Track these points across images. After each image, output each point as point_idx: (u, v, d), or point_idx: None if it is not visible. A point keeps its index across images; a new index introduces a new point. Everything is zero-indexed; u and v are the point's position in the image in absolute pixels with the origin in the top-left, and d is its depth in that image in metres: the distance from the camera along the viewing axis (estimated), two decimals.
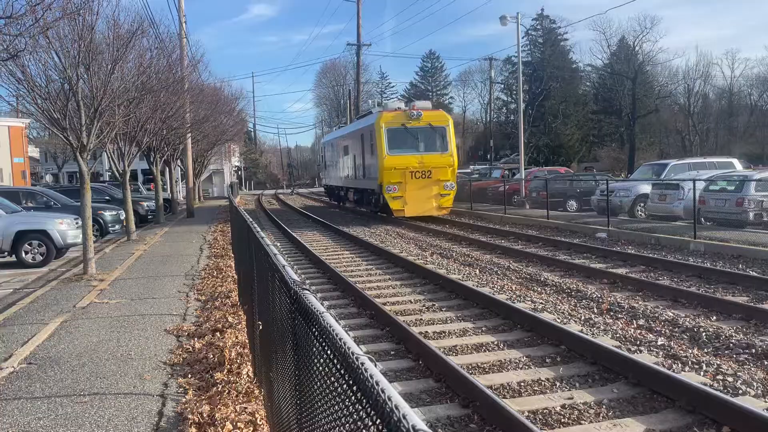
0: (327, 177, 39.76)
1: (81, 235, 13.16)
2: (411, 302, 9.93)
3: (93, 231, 14.44)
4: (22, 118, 46.82)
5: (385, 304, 9.52)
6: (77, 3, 10.51)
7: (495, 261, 13.70)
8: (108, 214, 19.14)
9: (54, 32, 10.52)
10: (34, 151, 67.23)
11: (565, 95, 68.89)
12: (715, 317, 8.37)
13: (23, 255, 14.30)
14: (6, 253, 14.34)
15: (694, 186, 15.40)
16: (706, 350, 7.02)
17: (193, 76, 25.81)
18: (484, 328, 8.19)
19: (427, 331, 8.04)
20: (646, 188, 20.40)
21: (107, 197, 23.70)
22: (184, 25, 26.34)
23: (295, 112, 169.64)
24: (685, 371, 6.29)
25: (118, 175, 19.15)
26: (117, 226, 19.59)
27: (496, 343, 7.53)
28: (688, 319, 8.15)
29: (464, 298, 9.88)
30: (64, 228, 14.53)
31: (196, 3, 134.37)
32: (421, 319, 8.77)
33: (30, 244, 14.36)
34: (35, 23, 8.41)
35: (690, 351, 6.92)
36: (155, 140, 21.75)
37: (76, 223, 14.46)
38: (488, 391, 5.52)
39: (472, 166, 54.92)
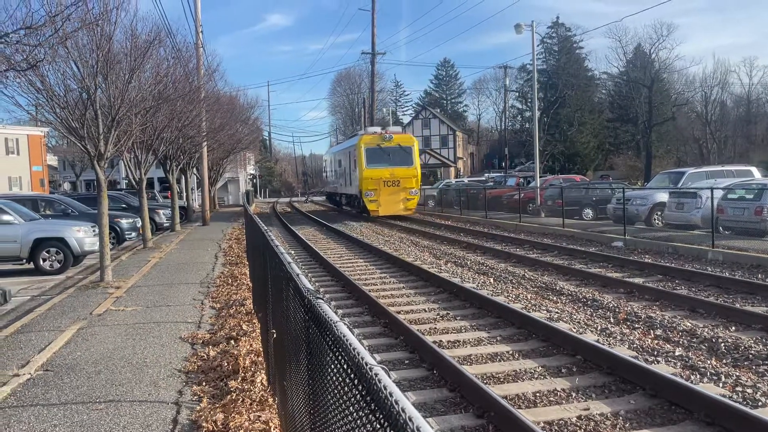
0: (327, 185, 46.06)
1: (98, 243, 13.30)
2: (425, 311, 9.90)
3: (110, 238, 14.58)
4: (41, 127, 47.53)
5: (399, 312, 9.50)
6: (96, 13, 10.67)
7: (510, 270, 13.63)
8: (125, 222, 19.33)
9: (73, 42, 10.67)
10: (52, 160, 68.20)
11: (581, 103, 68.68)
12: (734, 328, 8.24)
13: (41, 262, 14.46)
14: (24, 260, 14.51)
15: (712, 194, 15.23)
16: (725, 361, 6.92)
17: (209, 85, 26.08)
18: (498, 338, 8.14)
19: (441, 340, 8.00)
20: (663, 197, 20.19)
21: (124, 205, 23.94)
22: (200, 34, 26.62)
23: (310, 121, 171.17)
24: (703, 382, 6.20)
25: (134, 183, 19.33)
26: (133, 234, 19.77)
27: (511, 352, 7.47)
28: (706, 330, 8.04)
29: (479, 307, 9.83)
30: (82, 235, 14.69)
31: (212, 13, 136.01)
32: (435, 328, 8.73)
33: (48, 252, 14.52)
34: (54, 33, 8.54)
35: (708, 362, 6.82)
36: (171, 149, 21.95)
37: (93, 230, 14.60)
38: (503, 402, 5.47)
39: (486, 174, 54.86)
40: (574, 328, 8.36)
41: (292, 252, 17.38)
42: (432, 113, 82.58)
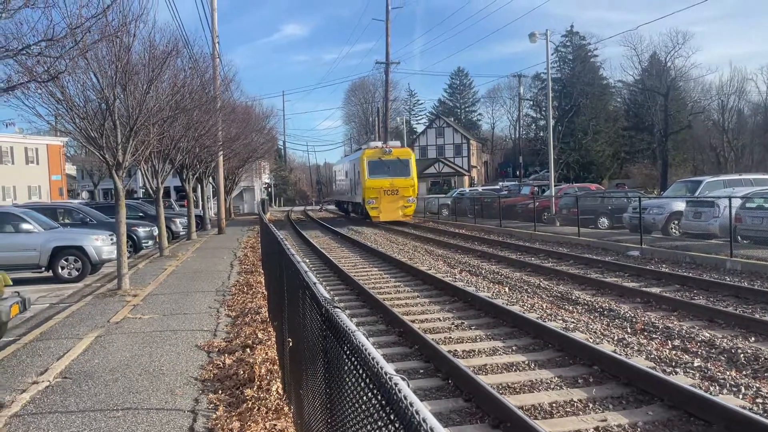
0: (336, 194, 50.78)
1: (115, 251, 13.42)
2: (440, 320, 9.87)
3: (127, 247, 14.71)
4: (61, 137, 48.20)
5: (414, 321, 9.48)
6: (115, 26, 10.81)
7: (525, 279, 13.56)
8: (142, 231, 19.48)
9: (92, 54, 10.81)
10: (71, 169, 69.05)
11: (596, 111, 68.37)
12: (753, 338, 8.14)
13: (60, 270, 14.62)
14: (43, 268, 14.68)
15: (730, 203, 15.06)
16: (744, 372, 6.83)
17: (225, 95, 26.31)
18: (514, 347, 8.10)
19: (456, 350, 7.97)
20: (680, 205, 20.00)
21: (141, 214, 24.14)
22: (217, 45, 26.89)
23: (325, 130, 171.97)
24: (723, 394, 6.12)
25: (151, 192, 19.51)
26: (150, 242, 19.92)
27: (526, 362, 7.43)
28: (725, 340, 7.94)
29: (494, 317, 9.79)
30: (100, 244, 14.83)
31: (229, 24, 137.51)
32: (450, 338, 8.71)
33: (66, 260, 14.67)
34: (75, 45, 8.67)
35: (728, 373, 6.74)
36: (188, 158, 22.12)
37: (111, 239, 14.74)
38: (519, 412, 5.44)
39: (500, 183, 54.73)
40: (591, 338, 8.30)
41: (307, 261, 17.43)
42: (446, 122, 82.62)
